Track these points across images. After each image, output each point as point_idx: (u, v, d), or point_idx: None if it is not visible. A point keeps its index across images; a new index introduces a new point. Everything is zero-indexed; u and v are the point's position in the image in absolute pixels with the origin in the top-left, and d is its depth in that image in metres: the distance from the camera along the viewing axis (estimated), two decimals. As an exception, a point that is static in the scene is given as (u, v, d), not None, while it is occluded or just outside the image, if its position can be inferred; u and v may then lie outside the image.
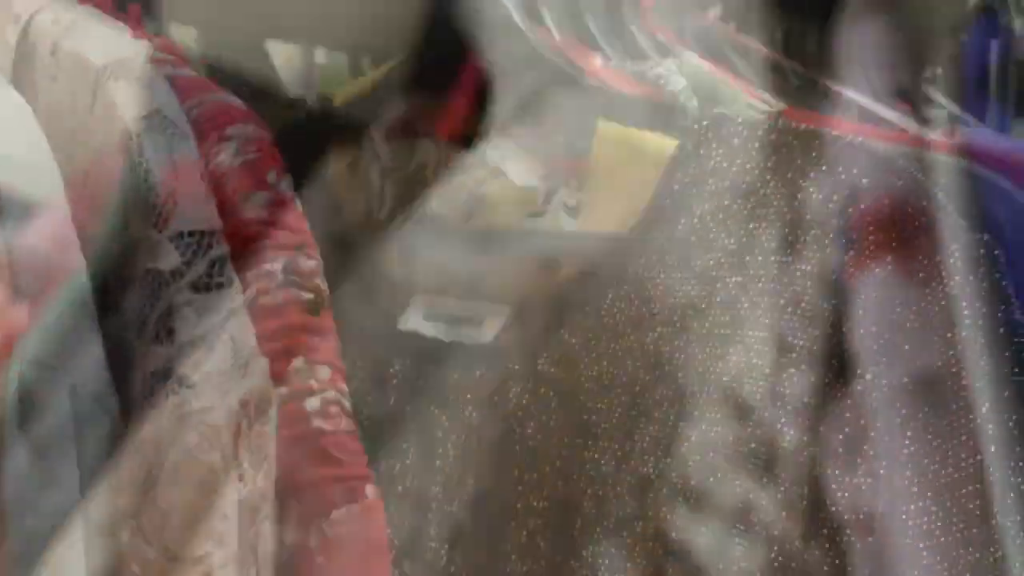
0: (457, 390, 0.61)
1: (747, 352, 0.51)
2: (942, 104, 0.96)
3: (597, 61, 0.65)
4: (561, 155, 0.66)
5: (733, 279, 0.52)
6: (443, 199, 0.72)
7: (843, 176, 0.49)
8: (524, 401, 0.59)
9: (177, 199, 0.29)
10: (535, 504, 0.57)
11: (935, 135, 0.71)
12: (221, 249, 0.29)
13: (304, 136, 0.72)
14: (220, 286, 0.29)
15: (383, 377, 0.65)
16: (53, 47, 0.31)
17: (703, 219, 0.53)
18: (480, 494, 0.59)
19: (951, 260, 0.45)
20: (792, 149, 0.51)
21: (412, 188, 0.73)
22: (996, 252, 0.46)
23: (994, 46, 1.21)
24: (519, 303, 0.63)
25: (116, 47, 0.31)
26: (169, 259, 0.28)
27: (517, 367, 0.59)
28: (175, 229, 0.29)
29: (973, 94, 1.22)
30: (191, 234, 0.29)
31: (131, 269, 0.29)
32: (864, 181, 0.48)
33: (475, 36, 0.66)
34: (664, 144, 0.57)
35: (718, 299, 0.53)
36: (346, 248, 0.70)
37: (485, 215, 0.69)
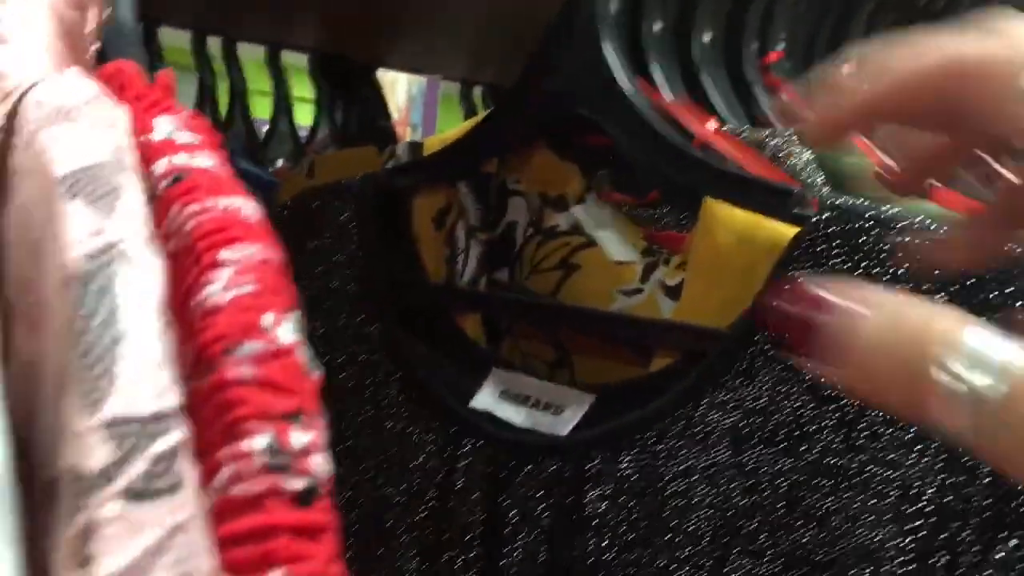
0: (527, 486, 0.55)
1: (864, 490, 0.44)
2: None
3: (710, 126, 0.58)
4: (664, 229, 0.59)
5: (850, 400, 0.45)
6: (531, 265, 0.66)
7: (996, 295, 0.41)
8: (601, 508, 0.52)
9: (116, 372, 0.21)
10: (605, 628, 0.51)
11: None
12: (173, 438, 0.21)
13: (389, 184, 0.67)
14: (161, 493, 0.21)
15: (452, 458, 0.59)
16: (29, 138, 0.25)
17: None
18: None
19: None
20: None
21: (499, 250, 0.67)
22: None
23: None
24: (604, 393, 0.56)
25: (89, 150, 0.23)
26: (96, 455, 0.20)
27: (596, 469, 0.53)
28: (109, 414, 0.21)
29: None
30: (128, 421, 0.21)
31: (53, 466, 0.22)
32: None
33: (578, 93, 0.60)
34: (778, 232, 0.49)
35: (830, 422, 0.45)
36: (423, 308, 0.65)
37: (576, 287, 0.63)
